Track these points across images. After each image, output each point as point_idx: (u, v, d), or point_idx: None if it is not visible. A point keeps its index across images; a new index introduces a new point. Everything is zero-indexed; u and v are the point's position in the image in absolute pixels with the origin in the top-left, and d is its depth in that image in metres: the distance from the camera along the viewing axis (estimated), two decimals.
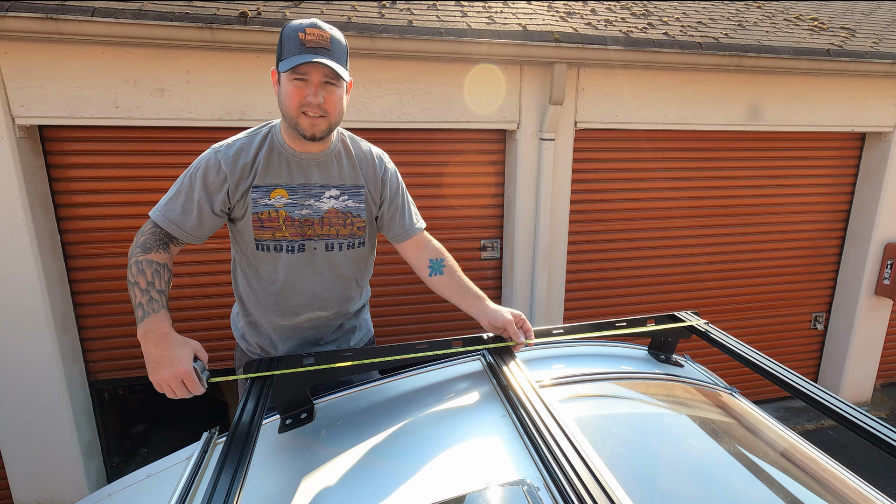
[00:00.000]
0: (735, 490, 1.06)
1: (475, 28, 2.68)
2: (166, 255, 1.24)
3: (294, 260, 1.37)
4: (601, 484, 0.80)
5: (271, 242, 1.34)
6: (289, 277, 1.39)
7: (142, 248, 1.22)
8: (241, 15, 2.37)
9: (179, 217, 1.29)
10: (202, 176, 1.28)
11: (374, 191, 1.43)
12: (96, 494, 1.27)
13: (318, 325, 1.48)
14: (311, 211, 1.35)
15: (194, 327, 2.91)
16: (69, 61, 2.36)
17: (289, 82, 1.21)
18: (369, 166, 1.43)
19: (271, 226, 1.33)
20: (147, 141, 2.63)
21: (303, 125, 1.24)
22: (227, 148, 1.31)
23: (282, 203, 1.32)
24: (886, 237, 3.75)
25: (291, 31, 1.19)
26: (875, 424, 1.02)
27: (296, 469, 1.01)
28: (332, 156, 1.37)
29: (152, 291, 1.14)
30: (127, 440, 3.45)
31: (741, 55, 3.01)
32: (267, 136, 1.34)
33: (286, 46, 1.19)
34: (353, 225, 1.41)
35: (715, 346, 1.39)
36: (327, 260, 1.41)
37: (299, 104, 1.22)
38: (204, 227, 1.32)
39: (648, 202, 3.44)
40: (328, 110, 1.24)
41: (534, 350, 1.41)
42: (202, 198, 1.28)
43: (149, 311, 1.11)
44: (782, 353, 4.02)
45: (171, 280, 1.23)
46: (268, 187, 1.31)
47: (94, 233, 2.68)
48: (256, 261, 1.38)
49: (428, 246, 1.49)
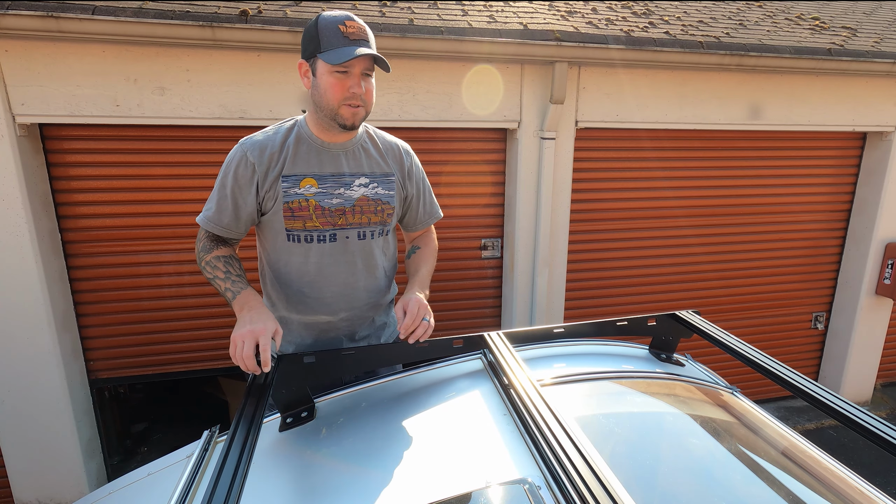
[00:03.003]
0: (736, 489, 1.05)
1: (476, 27, 2.68)
2: (228, 249, 1.33)
3: (326, 250, 1.38)
4: (602, 483, 0.80)
5: (302, 233, 1.35)
6: (321, 268, 1.38)
7: (204, 251, 1.32)
8: (242, 13, 2.37)
9: (216, 215, 1.33)
10: (233, 170, 1.31)
11: (402, 177, 1.47)
12: (96, 493, 1.27)
13: (351, 317, 1.46)
14: (343, 200, 1.37)
15: (197, 325, 2.91)
16: (70, 59, 2.36)
17: (330, 74, 1.23)
18: (396, 156, 1.46)
19: (302, 215, 1.34)
20: (148, 140, 2.63)
21: (344, 115, 1.26)
22: (253, 140, 1.34)
23: (312, 192, 1.34)
24: (887, 237, 3.75)
25: (330, 24, 1.21)
26: (876, 423, 1.02)
27: (296, 468, 1.01)
28: (359, 145, 1.40)
29: (232, 276, 1.25)
30: (127, 439, 3.45)
31: (742, 54, 3.01)
32: (293, 128, 1.37)
33: (326, 39, 1.20)
34: (383, 212, 1.43)
35: (716, 346, 1.39)
36: (360, 248, 1.41)
37: (343, 96, 1.24)
38: (241, 222, 1.35)
39: (649, 201, 3.44)
40: (366, 100, 1.28)
41: (535, 349, 1.41)
42: (235, 192, 1.32)
43: (236, 290, 1.22)
44: (783, 352, 4.02)
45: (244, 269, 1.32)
46: (297, 176, 1.33)
47: (94, 231, 2.68)
48: (287, 254, 1.38)
49: (425, 235, 1.61)
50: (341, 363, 1.25)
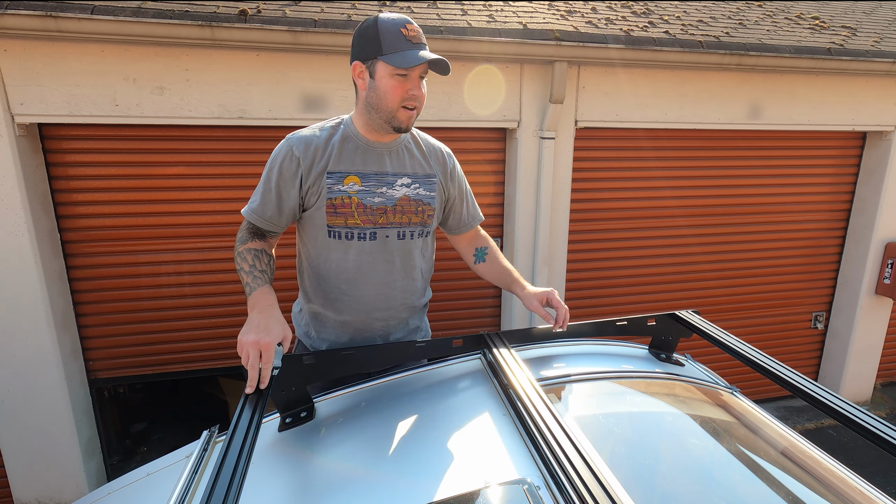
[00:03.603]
0: (735, 489, 1.05)
1: (475, 26, 2.68)
2: (262, 243, 1.34)
3: (366, 248, 1.39)
4: (602, 483, 0.80)
5: (343, 229, 1.36)
6: (360, 266, 1.39)
7: (240, 241, 1.33)
8: (241, 13, 2.37)
9: (260, 207, 1.35)
10: (278, 164, 1.33)
11: (444, 179, 1.48)
12: (96, 493, 1.27)
13: (386, 317, 1.47)
14: (384, 199, 1.38)
15: (197, 324, 2.91)
16: (69, 59, 2.36)
17: (391, 77, 1.24)
18: (438, 158, 1.48)
19: (344, 212, 1.35)
20: (147, 139, 2.63)
21: (401, 118, 1.28)
22: (299, 136, 1.35)
23: (354, 190, 1.35)
24: (887, 236, 3.75)
25: (392, 27, 1.22)
26: (876, 423, 1.02)
27: (295, 467, 1.01)
28: (403, 145, 1.42)
29: (255, 271, 1.25)
30: (127, 439, 3.45)
31: (742, 54, 3.00)
32: (338, 126, 1.38)
33: (389, 42, 1.22)
34: (423, 213, 1.44)
35: (716, 345, 1.39)
36: (399, 248, 1.43)
37: (402, 98, 1.26)
38: (283, 215, 1.37)
39: (649, 201, 3.44)
40: (421, 102, 1.30)
41: (534, 349, 1.41)
42: (279, 185, 1.34)
43: (254, 286, 1.22)
44: (782, 352, 4.02)
45: (274, 265, 1.34)
46: (342, 173, 1.34)
47: (93, 231, 2.68)
48: (327, 250, 1.39)
49: (478, 236, 1.63)
50: (341, 363, 1.25)
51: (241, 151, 2.75)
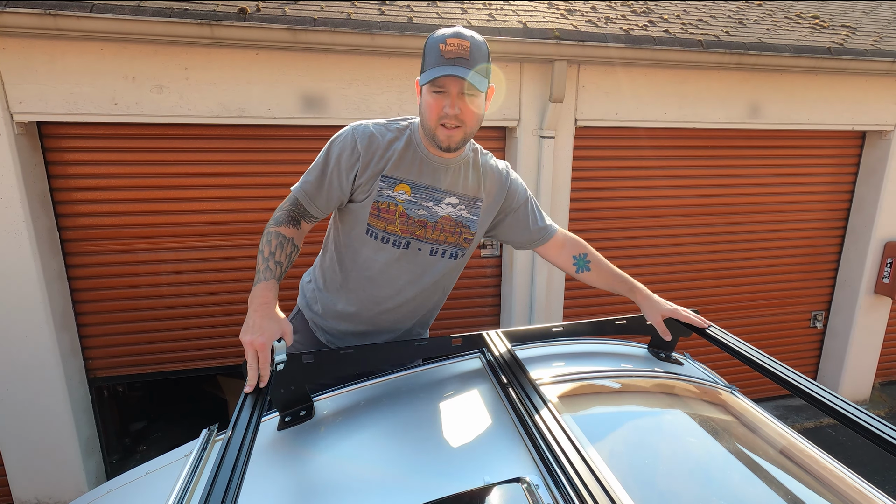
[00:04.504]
0: (734, 487, 1.05)
1: (475, 25, 2.67)
2: (294, 231, 1.30)
3: (396, 255, 1.39)
4: (601, 482, 0.80)
5: (381, 233, 1.36)
6: (386, 269, 1.40)
7: (275, 221, 1.30)
8: (241, 11, 2.36)
9: (314, 190, 1.34)
10: (338, 151, 1.32)
11: (494, 204, 1.46)
12: (95, 491, 1.27)
13: (393, 319, 1.48)
14: (427, 213, 1.37)
15: (196, 323, 2.91)
16: (67, 57, 2.35)
17: (428, 94, 1.24)
18: (494, 180, 1.45)
19: (386, 217, 1.35)
20: (146, 138, 2.62)
21: (440, 136, 1.26)
22: (365, 128, 1.34)
23: (403, 199, 1.35)
24: (886, 236, 3.75)
25: (434, 43, 1.22)
26: (874, 422, 1.02)
27: (295, 466, 1.01)
28: (462, 164, 1.40)
29: (271, 261, 1.22)
30: (126, 437, 3.45)
31: (742, 53, 3.00)
32: (405, 130, 1.37)
33: (427, 58, 1.22)
34: (460, 235, 1.43)
35: (715, 344, 1.39)
36: (429, 263, 1.42)
37: (438, 116, 1.24)
38: (331, 203, 1.36)
39: (648, 200, 3.44)
40: (464, 121, 1.25)
41: (534, 348, 1.41)
42: (334, 172, 1.32)
43: (261, 278, 1.19)
44: (781, 351, 4.02)
45: (294, 257, 1.30)
46: (395, 180, 1.34)
47: (93, 230, 2.68)
48: (360, 243, 1.39)
49: (567, 244, 1.55)
50: (340, 362, 1.25)
51: (241, 150, 2.75)
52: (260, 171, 2.80)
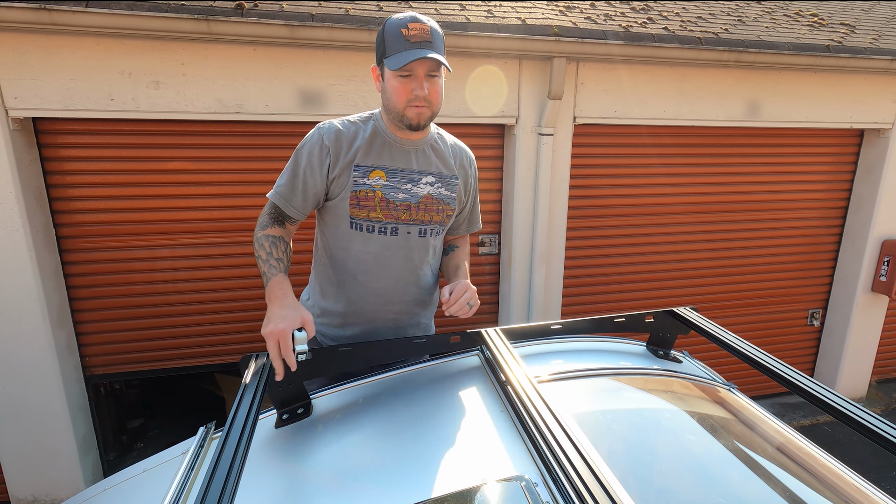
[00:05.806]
0: (732, 485, 1.06)
1: (474, 21, 2.66)
2: (281, 230, 1.36)
3: (386, 242, 1.41)
4: (599, 480, 0.79)
5: (365, 222, 1.39)
6: (379, 259, 1.42)
7: (260, 226, 1.35)
8: (238, 6, 2.35)
9: (286, 191, 1.38)
10: (308, 150, 1.36)
11: (464, 184, 1.51)
12: (92, 489, 1.27)
13: (398, 311, 1.50)
14: (408, 195, 1.40)
15: (193, 320, 2.90)
16: (63, 53, 2.34)
17: (395, 79, 1.27)
18: (461, 162, 1.51)
19: (367, 205, 1.38)
20: (142, 134, 2.61)
21: (410, 115, 1.30)
22: (330, 125, 1.38)
23: (379, 184, 1.38)
24: (883, 234, 3.76)
25: (394, 28, 1.24)
26: (871, 419, 1.02)
27: (292, 464, 1.01)
28: (429, 144, 1.45)
29: (271, 260, 1.27)
30: (123, 435, 3.44)
31: (741, 51, 3.00)
32: (368, 119, 1.41)
33: (390, 43, 1.24)
34: (443, 212, 1.47)
35: (713, 342, 1.39)
36: (419, 245, 1.45)
37: (407, 99, 1.28)
38: (307, 202, 1.39)
39: (647, 197, 3.44)
40: (431, 100, 1.31)
41: (532, 346, 1.41)
42: (306, 171, 1.36)
43: (269, 275, 1.24)
44: (778, 348, 4.04)
45: (290, 252, 1.36)
46: (368, 167, 1.37)
47: (89, 226, 2.66)
48: (348, 240, 1.41)
49: (463, 237, 1.67)
50: (338, 360, 1.24)
51: (238, 147, 2.73)
52: (257, 168, 2.79)
